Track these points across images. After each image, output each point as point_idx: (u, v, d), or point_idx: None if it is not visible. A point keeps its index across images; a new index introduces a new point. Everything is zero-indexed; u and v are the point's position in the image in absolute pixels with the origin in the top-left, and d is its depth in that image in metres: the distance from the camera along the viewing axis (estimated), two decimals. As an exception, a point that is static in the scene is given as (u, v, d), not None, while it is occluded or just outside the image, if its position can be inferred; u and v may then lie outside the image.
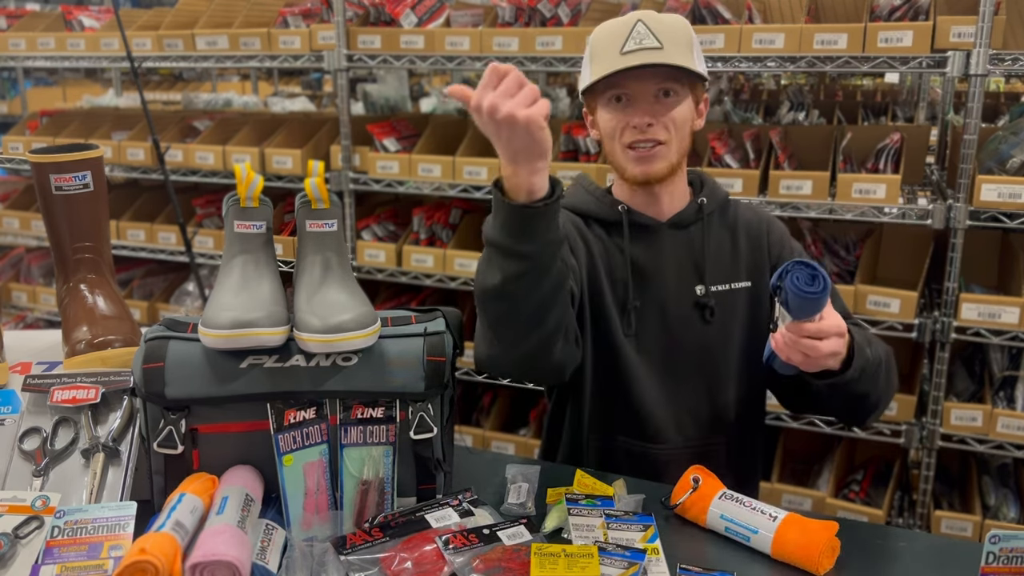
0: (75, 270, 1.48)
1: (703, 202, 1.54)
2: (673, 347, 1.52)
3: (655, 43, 1.40)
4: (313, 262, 1.25)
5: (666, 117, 1.43)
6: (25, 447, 1.25)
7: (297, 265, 1.28)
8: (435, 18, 2.84)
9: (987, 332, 2.29)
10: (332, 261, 1.25)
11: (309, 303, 1.21)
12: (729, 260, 1.54)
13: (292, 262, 1.31)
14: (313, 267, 1.25)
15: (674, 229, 1.53)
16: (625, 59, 1.39)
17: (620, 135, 1.45)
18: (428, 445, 1.23)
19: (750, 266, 1.55)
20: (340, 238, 1.28)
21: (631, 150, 1.45)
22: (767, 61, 2.36)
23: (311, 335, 1.17)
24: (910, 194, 2.56)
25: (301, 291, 1.24)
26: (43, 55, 3.32)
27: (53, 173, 1.42)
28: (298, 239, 1.28)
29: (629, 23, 1.42)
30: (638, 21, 1.42)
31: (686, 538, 1.25)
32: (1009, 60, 2.16)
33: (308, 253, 1.26)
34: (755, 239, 1.56)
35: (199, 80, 7.74)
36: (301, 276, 1.26)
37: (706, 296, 1.51)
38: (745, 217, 1.59)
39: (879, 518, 2.51)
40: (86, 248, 1.48)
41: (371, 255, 2.96)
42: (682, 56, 1.41)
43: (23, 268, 3.74)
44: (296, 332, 1.20)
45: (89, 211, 1.47)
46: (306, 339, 1.17)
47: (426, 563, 1.10)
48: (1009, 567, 1.01)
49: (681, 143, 1.46)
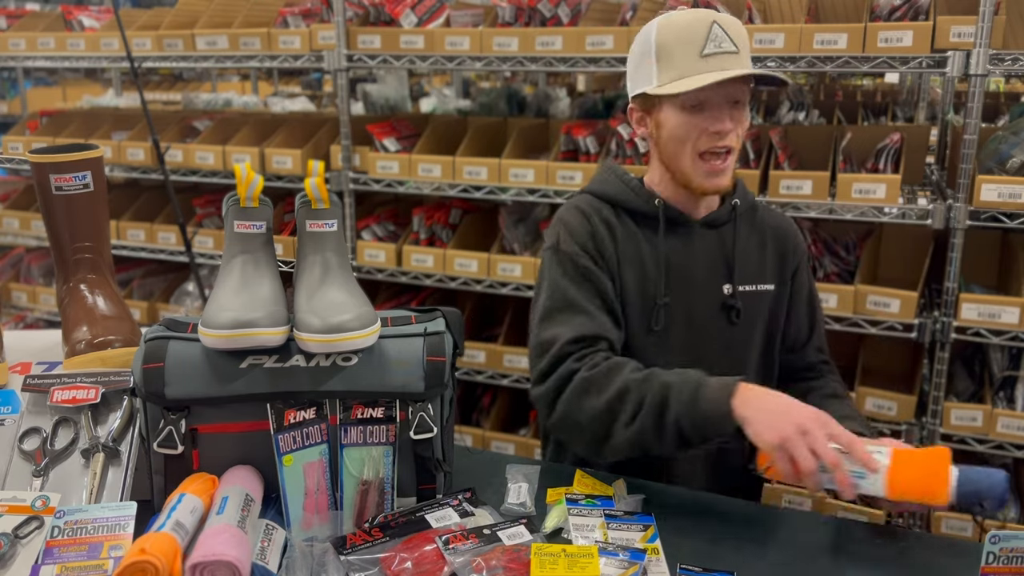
0: (75, 270, 1.48)
1: (736, 203, 1.54)
2: (697, 345, 1.51)
3: (733, 47, 1.38)
4: (313, 262, 1.25)
5: (740, 124, 1.43)
6: (25, 447, 1.25)
7: (297, 265, 1.28)
8: (435, 18, 2.84)
9: (987, 332, 2.29)
10: (332, 261, 1.25)
11: (309, 303, 1.21)
12: (756, 261, 1.55)
13: (292, 262, 1.31)
14: (313, 267, 1.25)
15: (706, 228, 1.53)
16: (708, 63, 1.37)
17: (695, 141, 1.42)
18: (428, 445, 1.23)
19: (775, 270, 1.58)
20: (340, 238, 1.28)
21: (702, 160, 1.43)
22: (767, 61, 2.36)
23: (311, 335, 1.17)
24: (910, 194, 2.56)
25: (301, 291, 1.24)
26: (43, 55, 3.32)
27: (53, 173, 1.42)
28: (298, 239, 1.28)
29: (704, 22, 1.38)
30: (714, 22, 1.39)
31: (686, 538, 1.25)
32: (1009, 60, 2.16)
33: (308, 253, 1.26)
34: (782, 244, 1.60)
35: (199, 80, 7.75)
36: (301, 276, 1.26)
37: (733, 296, 1.52)
38: (773, 221, 1.62)
39: (879, 518, 2.51)
40: (86, 248, 1.48)
41: (371, 255, 2.96)
42: (749, 60, 1.42)
43: (23, 268, 3.74)
44: (296, 332, 1.20)
45: (89, 211, 1.47)
46: (306, 339, 1.17)
47: (426, 563, 1.10)
48: (1009, 567, 1.01)
49: (739, 149, 1.47)
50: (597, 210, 1.53)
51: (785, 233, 1.61)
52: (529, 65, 2.63)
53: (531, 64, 2.63)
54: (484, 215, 3.15)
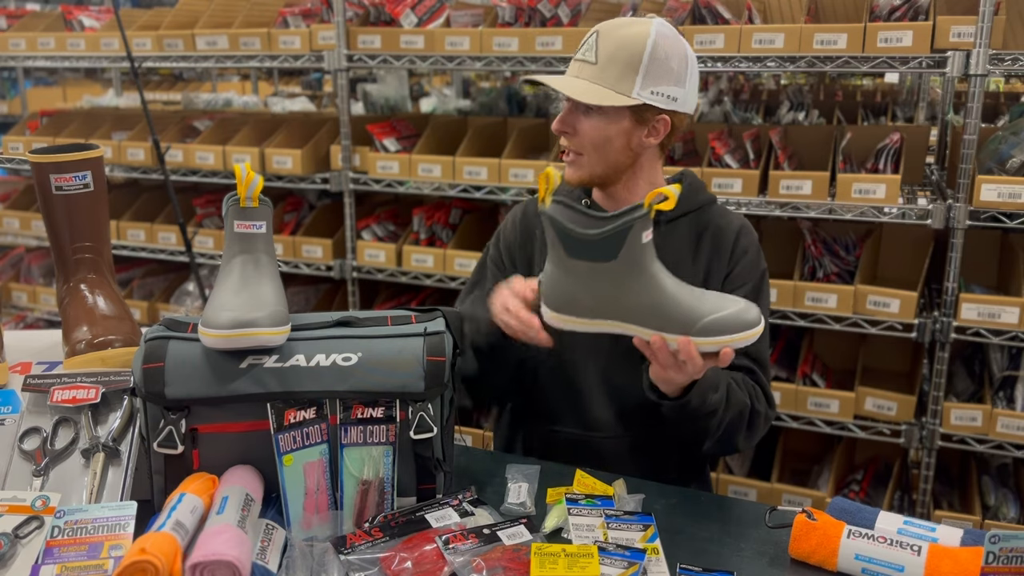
0: (75, 270, 1.48)
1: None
2: (619, 341, 1.52)
3: (591, 59, 1.42)
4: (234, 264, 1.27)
5: (574, 129, 1.46)
6: (25, 447, 1.25)
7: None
8: (435, 18, 2.84)
9: (987, 332, 2.29)
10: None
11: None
12: (686, 262, 1.54)
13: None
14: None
15: None
16: (570, 67, 1.46)
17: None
18: (428, 445, 1.23)
19: (706, 269, 1.56)
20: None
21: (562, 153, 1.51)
22: (767, 61, 2.36)
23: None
24: (910, 194, 2.56)
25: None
26: (43, 55, 3.32)
27: (53, 173, 1.42)
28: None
29: (595, 30, 1.44)
30: (596, 31, 1.43)
31: (686, 538, 1.25)
32: (1009, 60, 2.16)
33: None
34: (718, 244, 1.56)
35: (199, 80, 7.74)
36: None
37: None
38: (717, 223, 1.58)
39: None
40: (86, 248, 1.48)
41: (371, 255, 2.96)
42: (612, 76, 1.40)
43: (23, 268, 3.74)
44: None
45: (89, 211, 1.47)
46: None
47: (426, 563, 1.10)
48: (1009, 567, 1.01)
49: (604, 159, 1.46)
50: (525, 210, 1.66)
51: (725, 232, 1.57)
52: (529, 65, 2.63)
53: (531, 64, 2.63)
54: (484, 215, 3.15)
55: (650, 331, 1.22)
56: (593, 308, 1.23)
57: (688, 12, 2.52)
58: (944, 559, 1.10)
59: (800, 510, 1.21)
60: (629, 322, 1.23)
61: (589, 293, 1.21)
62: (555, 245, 1.21)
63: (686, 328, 1.20)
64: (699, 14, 2.53)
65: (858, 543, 1.15)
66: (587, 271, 1.20)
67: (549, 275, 1.24)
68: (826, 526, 1.17)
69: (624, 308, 1.22)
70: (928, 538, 1.15)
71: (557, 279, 1.23)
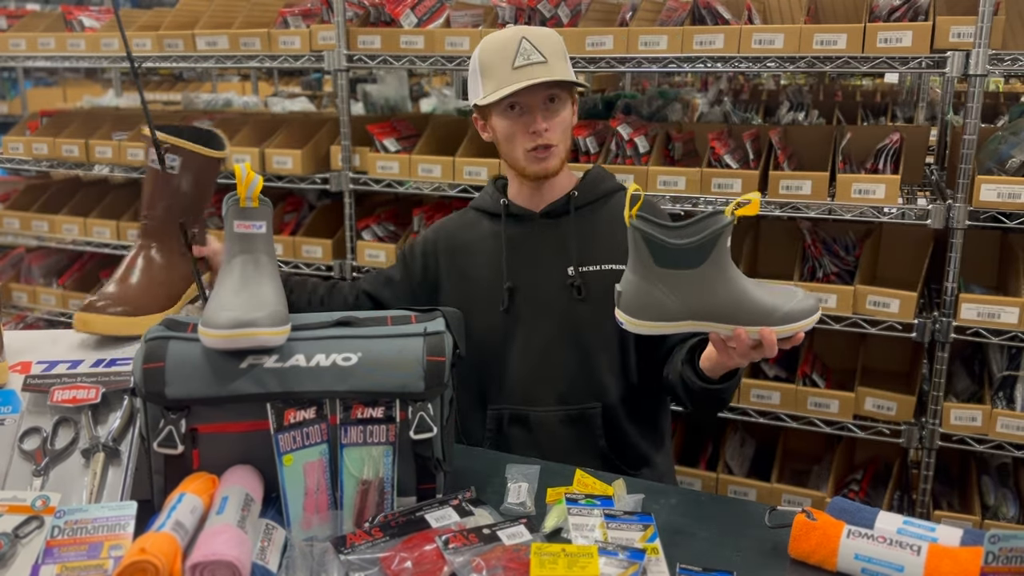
0: (156, 235, 1.57)
1: (573, 195, 1.73)
2: (543, 322, 1.70)
3: (541, 58, 1.59)
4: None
5: (554, 122, 1.63)
6: (25, 447, 1.25)
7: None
8: (435, 18, 2.84)
9: (987, 332, 2.29)
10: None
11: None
12: (603, 244, 1.70)
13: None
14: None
15: (547, 218, 1.74)
16: (518, 74, 1.59)
17: (520, 140, 1.64)
18: (428, 445, 1.24)
19: (625, 250, 1.63)
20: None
21: (530, 155, 1.64)
22: (767, 61, 2.36)
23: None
24: (910, 194, 2.56)
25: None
26: (43, 55, 3.32)
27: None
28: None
29: (514, 39, 1.60)
30: (523, 38, 1.60)
31: (686, 538, 1.25)
32: (1009, 60, 2.16)
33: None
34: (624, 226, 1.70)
35: (199, 80, 7.75)
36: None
37: (575, 276, 1.69)
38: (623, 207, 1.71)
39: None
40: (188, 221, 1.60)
41: (371, 255, 2.96)
42: (562, 68, 1.62)
43: (23, 268, 3.74)
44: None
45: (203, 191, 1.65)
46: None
47: (426, 563, 1.10)
48: (1009, 567, 1.01)
49: (567, 142, 1.69)
50: (448, 229, 1.83)
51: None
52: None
53: (531, 64, 2.62)
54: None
55: (729, 326, 1.31)
56: (676, 312, 1.31)
57: (688, 12, 2.52)
58: (944, 559, 1.10)
59: (800, 510, 1.21)
60: (710, 320, 1.32)
61: (674, 298, 1.30)
62: (642, 256, 1.29)
63: (765, 320, 1.29)
64: (699, 14, 2.53)
65: (858, 543, 1.15)
66: (674, 278, 1.29)
67: (632, 284, 1.32)
68: (826, 526, 1.18)
69: (707, 309, 1.30)
70: (928, 538, 1.15)
71: (641, 288, 1.31)
